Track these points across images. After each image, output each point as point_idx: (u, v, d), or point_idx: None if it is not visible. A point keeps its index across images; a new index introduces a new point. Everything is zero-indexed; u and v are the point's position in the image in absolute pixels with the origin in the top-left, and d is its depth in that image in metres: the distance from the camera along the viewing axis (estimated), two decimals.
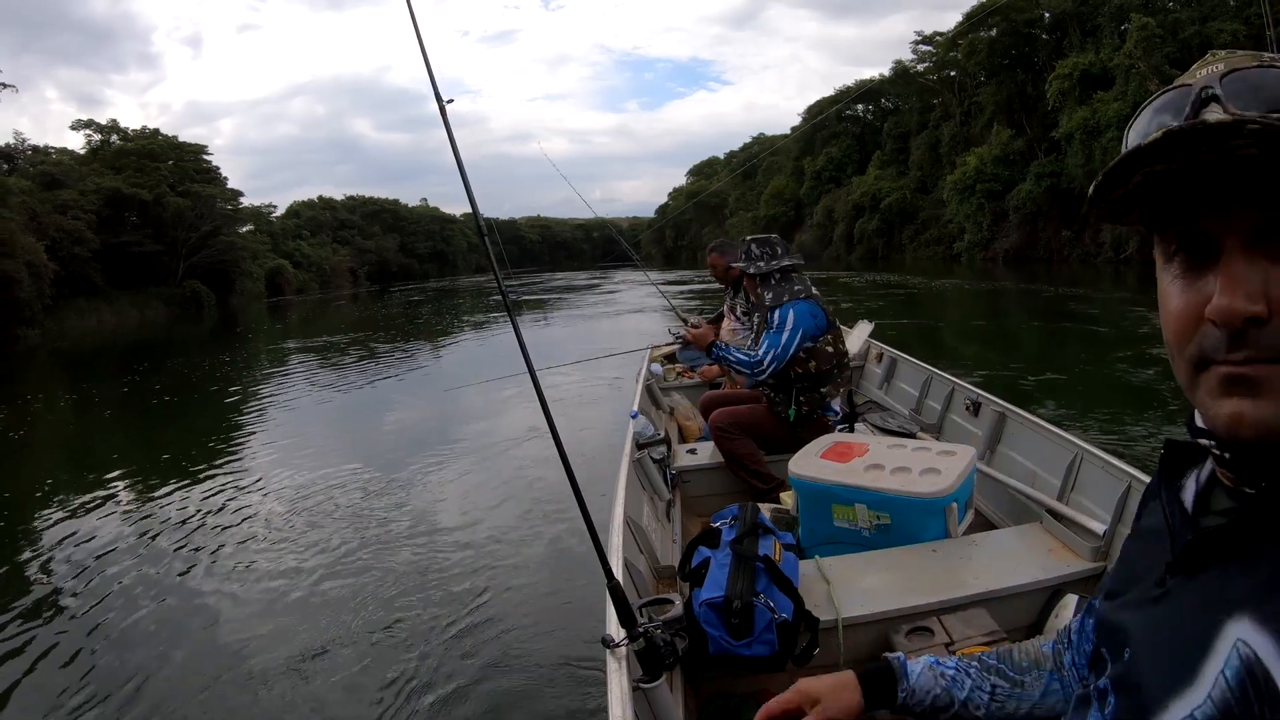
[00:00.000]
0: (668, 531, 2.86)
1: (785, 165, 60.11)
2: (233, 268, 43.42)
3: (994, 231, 35.99)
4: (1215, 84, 0.55)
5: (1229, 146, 0.50)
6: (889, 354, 4.76)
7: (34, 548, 5.50)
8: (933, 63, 44.49)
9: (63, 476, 7.82)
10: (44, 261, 27.24)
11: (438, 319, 25.43)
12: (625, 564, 1.97)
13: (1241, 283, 0.53)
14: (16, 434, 10.37)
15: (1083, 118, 29.71)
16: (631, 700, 1.44)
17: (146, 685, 3.42)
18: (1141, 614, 0.66)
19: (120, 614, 4.19)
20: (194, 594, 4.39)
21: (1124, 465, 2.34)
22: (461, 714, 3.05)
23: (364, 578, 4.34)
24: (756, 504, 2.18)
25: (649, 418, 3.84)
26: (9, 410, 11.96)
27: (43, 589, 4.67)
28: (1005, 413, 3.18)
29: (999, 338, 13.18)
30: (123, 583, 4.63)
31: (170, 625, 4.04)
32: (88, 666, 3.65)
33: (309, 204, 69.98)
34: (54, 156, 37.88)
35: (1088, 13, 33.71)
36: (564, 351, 10.78)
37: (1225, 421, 0.55)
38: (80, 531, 5.65)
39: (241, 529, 5.41)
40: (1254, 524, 0.57)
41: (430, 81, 2.00)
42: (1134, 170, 0.55)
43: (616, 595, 1.59)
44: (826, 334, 3.34)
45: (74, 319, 30.73)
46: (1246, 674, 0.53)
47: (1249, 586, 0.56)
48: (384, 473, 6.42)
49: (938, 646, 1.89)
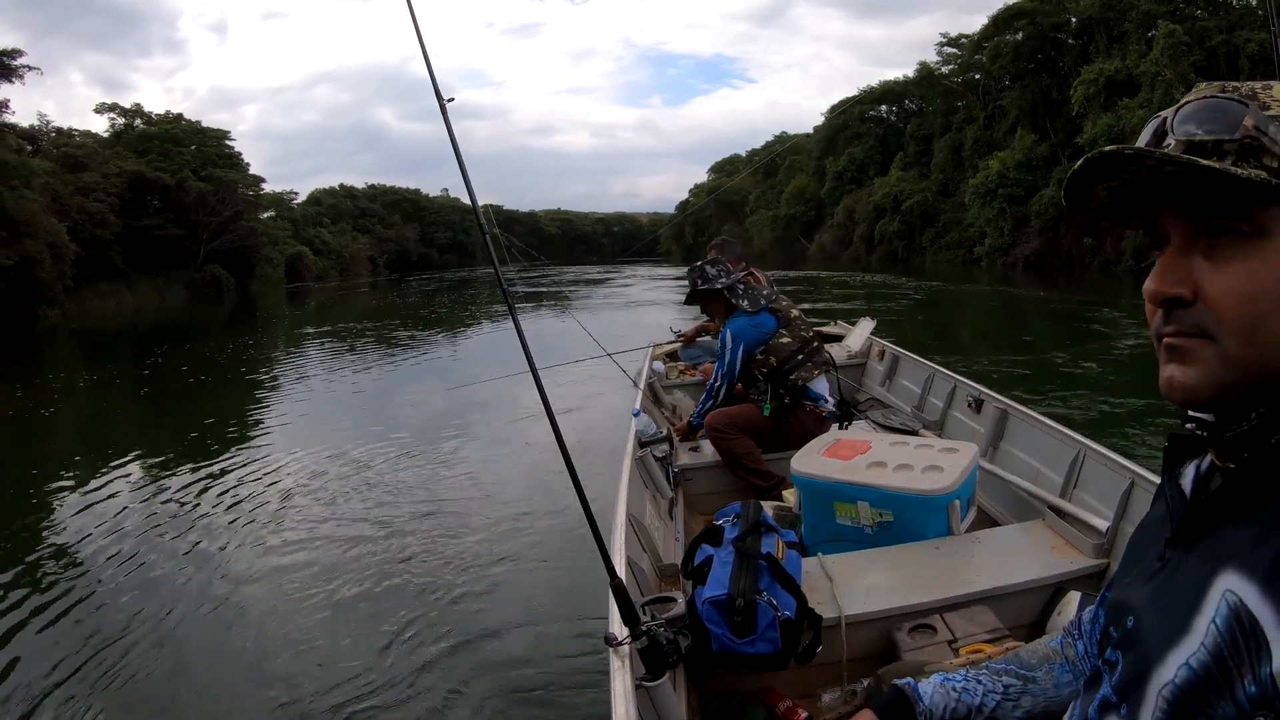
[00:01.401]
0: (670, 530, 2.86)
1: (807, 164, 59.91)
2: (253, 253, 43.77)
3: (1015, 236, 35.66)
4: (1172, 115, 0.67)
5: (1152, 166, 0.63)
6: (891, 351, 4.74)
7: (52, 520, 5.62)
8: (957, 65, 44.16)
9: (85, 452, 7.96)
10: (66, 243, 27.51)
11: (451, 309, 25.54)
12: (628, 562, 1.97)
13: (1168, 270, 0.65)
14: (45, 411, 10.55)
15: (1107, 124, 29.37)
16: (634, 698, 1.44)
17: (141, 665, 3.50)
18: (1143, 587, 0.73)
19: (131, 583, 4.33)
20: (182, 583, 4.43)
21: (1126, 462, 2.33)
22: (463, 711, 3.05)
23: (363, 577, 4.31)
24: (759, 502, 2.18)
25: (651, 416, 3.84)
26: (32, 389, 12.15)
27: (61, 557, 4.80)
28: (1007, 410, 3.17)
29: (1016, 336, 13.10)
30: (140, 554, 4.75)
31: (167, 607, 4.09)
32: (96, 628, 3.79)
33: (330, 191, 70.44)
34: (77, 139, 38.25)
35: (1114, 19, 33.31)
36: (568, 346, 10.81)
37: (1163, 385, 0.66)
38: (102, 504, 5.77)
39: (239, 514, 5.49)
40: (1238, 492, 0.64)
41: (430, 79, 2.00)
42: (1093, 184, 0.69)
43: (619, 593, 1.59)
44: (777, 331, 3.56)
45: (94, 300, 31.09)
46: (1234, 620, 0.59)
47: (1236, 543, 0.63)
48: (386, 471, 6.44)
49: (940, 645, 1.89)
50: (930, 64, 46.20)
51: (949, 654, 1.83)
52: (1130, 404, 7.26)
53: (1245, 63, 27.36)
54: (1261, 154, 0.60)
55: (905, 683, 1.09)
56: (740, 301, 3.62)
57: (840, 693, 1.95)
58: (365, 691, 3.20)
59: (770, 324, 3.56)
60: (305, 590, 4.20)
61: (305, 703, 3.16)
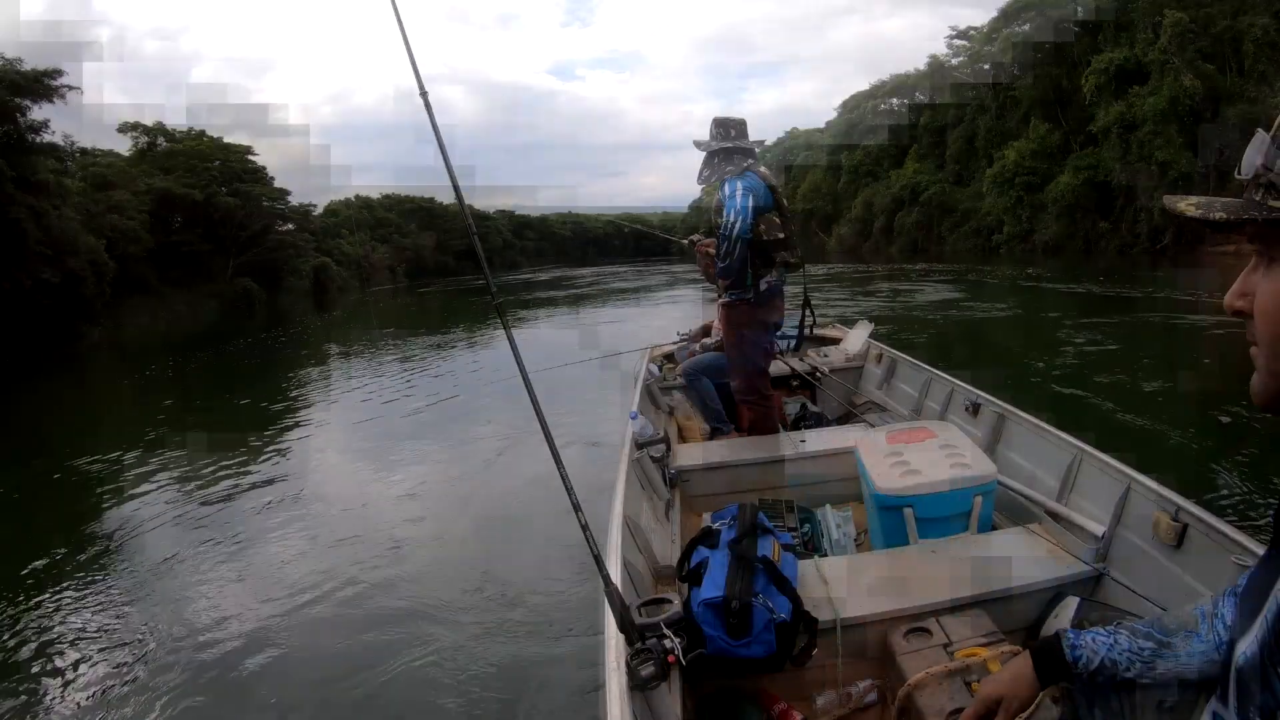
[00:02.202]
0: (666, 531, 2.85)
1: (821, 160, 59.56)
2: (282, 265, 44.16)
3: (1033, 224, 35.66)
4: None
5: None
6: (889, 354, 4.72)
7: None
8: (967, 57, 43.86)
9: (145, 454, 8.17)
10: (105, 260, 27.88)
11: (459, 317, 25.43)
12: (624, 564, 1.98)
13: (1237, 285, 0.73)
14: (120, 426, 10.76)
15: (1119, 112, 29.75)
16: (629, 700, 1.44)
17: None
18: (1251, 583, 0.85)
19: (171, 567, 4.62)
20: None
21: (1123, 466, 2.32)
22: (456, 712, 3.06)
23: (364, 575, 4.35)
24: (756, 504, 2.21)
25: (648, 418, 3.83)
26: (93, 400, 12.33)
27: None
28: (1004, 413, 3.16)
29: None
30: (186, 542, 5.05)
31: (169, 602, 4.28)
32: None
33: (346, 203, 70.81)
34: (101, 159, 38.76)
35: (1121, 7, 33.15)
36: (568, 347, 10.87)
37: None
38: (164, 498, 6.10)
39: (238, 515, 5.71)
40: None
41: (414, 74, 2.00)
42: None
43: (614, 595, 1.59)
44: (772, 210, 3.60)
45: (128, 316, 31.45)
46: (1279, 612, 0.73)
47: None
48: (388, 469, 6.55)
49: (936, 648, 1.90)
50: (940, 57, 45.99)
51: (944, 657, 1.84)
52: None
53: (1250, 47, 27.21)
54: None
55: (1064, 631, 1.16)
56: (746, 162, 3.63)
57: (835, 695, 1.97)
58: (355, 691, 3.21)
59: (769, 199, 3.59)
60: (291, 594, 4.24)
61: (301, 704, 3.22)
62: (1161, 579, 2.00)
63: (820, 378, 4.78)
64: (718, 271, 3.63)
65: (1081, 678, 1.12)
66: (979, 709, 1.18)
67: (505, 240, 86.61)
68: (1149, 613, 1.78)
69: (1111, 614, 1.86)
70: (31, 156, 24.02)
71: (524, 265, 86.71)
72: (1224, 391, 6.31)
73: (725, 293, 3.72)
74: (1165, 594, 1.95)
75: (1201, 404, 6.48)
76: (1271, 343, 0.69)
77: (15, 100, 23.29)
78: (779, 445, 3.51)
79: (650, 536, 2.56)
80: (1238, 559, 1.74)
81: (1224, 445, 5.30)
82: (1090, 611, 1.93)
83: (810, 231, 58.40)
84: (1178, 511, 1.99)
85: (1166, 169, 27.90)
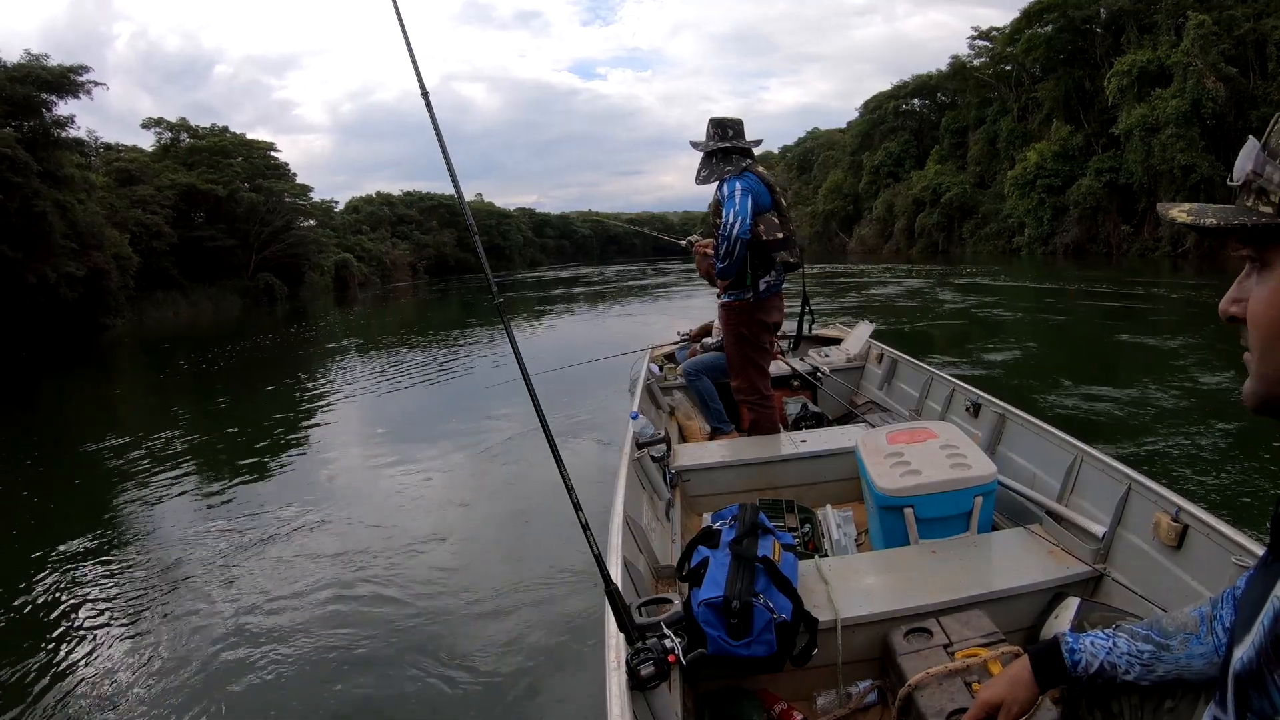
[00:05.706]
0: (667, 531, 2.86)
1: (842, 160, 59.36)
2: (303, 260, 44.55)
3: (1054, 226, 35.39)
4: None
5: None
6: (889, 355, 4.70)
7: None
8: (989, 58, 43.52)
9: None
10: (129, 254, 28.33)
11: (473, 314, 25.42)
12: (624, 563, 1.98)
13: (1232, 291, 0.74)
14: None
15: (1141, 115, 29.41)
16: (630, 700, 1.43)
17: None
18: (1249, 587, 0.85)
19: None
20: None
21: (1124, 467, 2.30)
22: (456, 712, 3.06)
23: (364, 574, 4.35)
24: (756, 504, 2.21)
25: (649, 418, 3.82)
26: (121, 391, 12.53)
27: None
28: (1005, 414, 3.15)
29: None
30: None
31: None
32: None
33: (368, 199, 71.32)
34: (125, 154, 39.21)
35: (1144, 9, 32.86)
36: (567, 348, 10.84)
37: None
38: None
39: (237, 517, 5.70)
40: None
41: (416, 74, 1.99)
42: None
43: (614, 595, 1.58)
44: (770, 210, 3.62)
45: (151, 310, 31.86)
46: (1274, 618, 0.73)
47: None
48: (391, 468, 6.56)
49: (936, 648, 1.89)
50: (962, 57, 45.66)
51: (945, 658, 1.84)
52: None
53: (1274, 50, 26.89)
54: (1268, 194, 0.68)
55: (1062, 634, 1.17)
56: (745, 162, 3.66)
57: (835, 695, 1.97)
58: (358, 690, 3.22)
59: (768, 200, 3.61)
60: (291, 593, 4.23)
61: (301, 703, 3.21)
62: (1162, 580, 1.99)
63: (821, 378, 4.78)
64: (718, 272, 3.63)
65: (1080, 681, 1.13)
66: (978, 713, 1.18)
67: (526, 238, 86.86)
68: (1149, 613, 1.78)
69: (1112, 615, 1.85)
70: (57, 151, 24.44)
71: (545, 263, 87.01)
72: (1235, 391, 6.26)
73: (725, 293, 3.73)
74: (1165, 595, 1.94)
75: (1214, 407, 6.43)
76: (1262, 348, 0.69)
77: (41, 95, 23.67)
78: (779, 445, 3.51)
79: (651, 536, 2.56)
80: (1238, 560, 1.73)
81: (1228, 447, 5.26)
82: (1090, 612, 1.92)
83: (831, 232, 58.23)
84: (1178, 512, 1.98)
85: (1189, 173, 27.59)
